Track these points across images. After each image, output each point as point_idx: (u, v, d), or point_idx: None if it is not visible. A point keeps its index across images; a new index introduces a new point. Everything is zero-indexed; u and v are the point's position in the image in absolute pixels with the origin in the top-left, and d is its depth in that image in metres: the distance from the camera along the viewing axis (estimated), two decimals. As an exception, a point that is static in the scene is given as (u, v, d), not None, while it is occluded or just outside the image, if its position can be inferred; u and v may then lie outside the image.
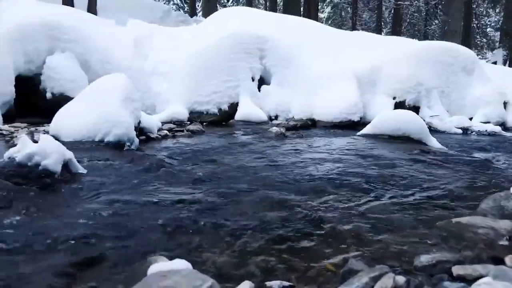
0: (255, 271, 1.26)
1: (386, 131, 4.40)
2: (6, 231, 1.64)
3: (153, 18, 14.64)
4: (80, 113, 3.66)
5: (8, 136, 4.06)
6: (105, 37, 6.99)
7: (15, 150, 2.42)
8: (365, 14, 24.95)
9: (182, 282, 0.89)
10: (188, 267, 1.02)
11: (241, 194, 2.20)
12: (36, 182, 2.28)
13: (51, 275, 1.24)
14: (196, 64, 6.62)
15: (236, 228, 1.65)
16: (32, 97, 6.08)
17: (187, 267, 1.01)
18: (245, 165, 2.97)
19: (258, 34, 6.93)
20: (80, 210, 1.92)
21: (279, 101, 6.55)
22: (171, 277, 0.91)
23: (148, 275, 0.97)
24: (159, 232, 1.62)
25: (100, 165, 2.87)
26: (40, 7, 6.90)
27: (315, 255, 1.45)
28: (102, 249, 1.46)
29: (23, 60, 5.92)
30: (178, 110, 6.10)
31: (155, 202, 2.05)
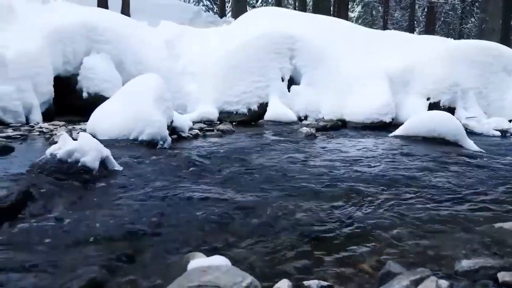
0: (291, 270, 1.26)
1: (421, 132, 4.28)
2: (48, 224, 1.71)
3: (184, 20, 14.89)
4: (115, 113, 3.77)
5: (48, 133, 4.23)
6: (138, 38, 7.17)
7: (56, 147, 2.52)
8: (397, 13, 24.39)
9: (223, 278, 0.90)
10: (227, 263, 1.03)
11: (274, 193, 2.20)
12: (76, 178, 2.37)
13: (92, 266, 1.28)
14: (227, 64, 6.68)
15: (270, 227, 1.65)
16: (69, 96, 6.31)
17: (226, 263, 1.03)
18: (276, 165, 2.97)
19: (288, 34, 6.92)
20: (117, 206, 1.97)
21: (308, 101, 6.51)
22: (211, 272, 0.92)
23: (188, 270, 0.99)
24: (194, 229, 1.64)
25: (134, 162, 2.95)
26: (78, 10, 7.15)
27: (350, 256, 1.43)
28: (140, 243, 1.50)
29: (62, 61, 6.16)
30: (208, 110, 6.17)
31: (189, 200, 2.08)
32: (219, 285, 0.87)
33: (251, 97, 6.37)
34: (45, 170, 2.38)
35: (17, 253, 1.42)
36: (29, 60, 5.54)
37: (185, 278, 0.92)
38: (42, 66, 5.71)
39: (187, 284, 0.88)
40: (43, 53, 5.83)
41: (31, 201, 1.94)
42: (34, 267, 1.29)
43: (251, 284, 0.91)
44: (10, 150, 3.20)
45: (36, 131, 4.38)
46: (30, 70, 5.51)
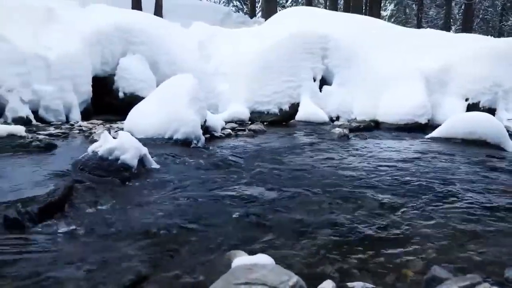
0: (332, 271, 1.25)
1: (460, 134, 4.13)
2: (92, 219, 1.77)
3: (215, 20, 15.05)
4: (151, 112, 3.87)
5: (87, 132, 4.38)
6: (171, 39, 7.31)
7: (98, 145, 2.61)
8: (431, 10, 23.65)
9: (269, 276, 0.90)
10: (272, 262, 1.03)
11: (310, 194, 2.19)
12: (116, 175, 2.44)
13: (136, 260, 1.31)
14: (258, 64, 6.70)
15: (308, 227, 1.64)
16: (106, 96, 6.52)
17: (271, 262, 1.03)
18: (310, 166, 2.95)
19: (320, 34, 6.86)
20: (156, 203, 2.02)
21: (341, 102, 6.43)
22: (257, 270, 0.93)
23: (233, 268, 1.00)
24: (233, 227, 1.66)
25: (170, 161, 3.01)
26: (114, 12, 7.37)
27: (392, 259, 1.40)
28: (180, 240, 1.53)
29: (100, 62, 6.37)
30: (240, 110, 6.21)
31: (225, 198, 2.10)
32: (266, 283, 0.88)
33: (282, 97, 6.36)
34: (87, 167, 2.47)
35: (66, 245, 1.48)
36: (69, 62, 5.76)
37: (231, 275, 0.94)
38: (81, 67, 5.92)
39: (233, 281, 0.89)
40: (83, 55, 6.05)
41: (76, 196, 2.02)
42: (81, 259, 1.34)
43: (297, 283, 0.91)
44: (53, 147, 3.35)
45: (76, 130, 4.55)
46: (71, 71, 5.73)
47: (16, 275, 1.22)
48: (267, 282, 0.88)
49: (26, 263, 1.31)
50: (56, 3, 6.63)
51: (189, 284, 1.16)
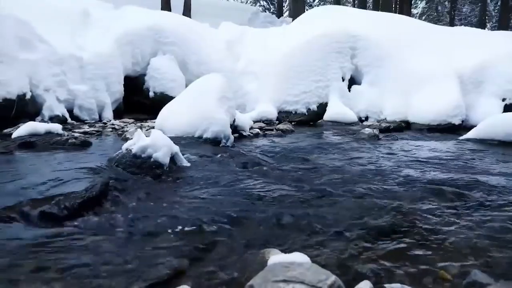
0: (367, 272, 1.23)
1: (497, 135, 3.98)
2: (128, 215, 1.82)
3: (242, 20, 15.14)
4: (182, 111, 3.93)
5: (120, 130, 4.51)
6: (200, 40, 7.42)
7: (131, 143, 2.68)
8: (465, 7, 22.89)
9: (307, 274, 0.90)
10: (308, 261, 1.03)
11: (340, 194, 2.17)
12: (148, 172, 2.49)
13: (172, 256, 1.34)
14: (286, 64, 6.69)
15: (341, 227, 1.63)
16: (136, 95, 6.70)
17: (307, 261, 1.03)
18: (340, 166, 2.92)
19: (350, 33, 6.78)
20: (188, 200, 2.05)
21: (370, 102, 6.33)
22: (295, 268, 0.93)
23: (270, 265, 1.00)
24: (265, 225, 1.66)
25: (200, 159, 3.05)
26: (145, 14, 7.55)
27: (429, 261, 1.37)
28: (214, 237, 1.54)
29: (131, 62, 6.54)
30: (268, 109, 6.22)
31: (256, 197, 2.11)
32: (304, 281, 0.88)
33: (310, 97, 6.33)
34: (122, 164, 2.54)
35: (103, 240, 1.53)
36: (102, 62, 5.95)
37: (268, 272, 0.94)
38: (114, 67, 6.11)
39: (272, 279, 0.90)
40: (115, 55, 6.24)
41: (111, 193, 2.08)
42: (118, 253, 1.38)
43: (335, 283, 0.90)
44: (88, 144, 3.46)
45: (109, 128, 4.69)
46: (104, 71, 5.93)
47: (56, 268, 1.26)
48: (305, 280, 0.88)
49: (65, 256, 1.36)
50: (92, 6, 6.86)
51: (224, 280, 1.17)
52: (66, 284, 1.14)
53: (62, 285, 1.13)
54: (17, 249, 1.38)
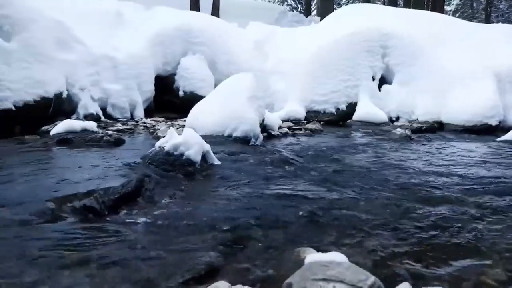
0: (406, 273, 1.21)
1: (538, 137, 3.81)
2: (162, 211, 1.86)
3: (270, 20, 15.13)
4: (212, 110, 3.97)
5: (151, 128, 4.61)
6: (229, 39, 7.47)
7: (164, 140, 2.74)
8: (502, 4, 21.98)
9: (347, 274, 0.90)
10: (346, 260, 1.03)
11: (373, 195, 2.14)
12: (180, 170, 2.54)
13: (207, 252, 1.36)
14: (315, 63, 6.63)
15: (376, 228, 1.60)
16: (166, 94, 6.82)
17: (345, 260, 1.02)
18: (371, 167, 2.87)
19: (380, 31, 6.64)
20: (220, 198, 2.08)
21: (401, 102, 6.18)
22: (334, 268, 0.93)
23: (308, 264, 1.00)
24: (298, 224, 1.66)
25: (231, 158, 3.07)
26: (176, 14, 7.68)
27: (469, 265, 1.33)
28: (248, 234, 1.56)
29: (162, 61, 6.67)
30: (296, 109, 6.19)
31: (288, 196, 2.11)
32: (343, 281, 0.87)
33: (339, 97, 6.25)
34: (155, 161, 2.59)
35: (139, 234, 1.57)
36: (135, 62, 6.09)
37: (307, 270, 0.94)
38: (145, 67, 6.24)
39: (311, 277, 0.90)
40: (147, 55, 6.37)
41: (146, 189, 2.13)
42: (155, 247, 1.41)
43: (375, 283, 0.89)
44: (122, 142, 3.56)
45: (141, 126, 4.80)
46: (136, 71, 6.06)
47: (97, 260, 1.31)
48: (345, 280, 0.87)
49: (104, 249, 1.40)
50: (125, 7, 7.04)
51: (259, 277, 1.18)
52: (107, 275, 1.18)
53: (103, 276, 1.17)
54: (61, 240, 1.44)
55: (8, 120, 4.33)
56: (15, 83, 4.48)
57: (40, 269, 1.20)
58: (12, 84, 4.44)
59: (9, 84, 4.41)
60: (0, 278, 1.10)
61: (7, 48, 4.53)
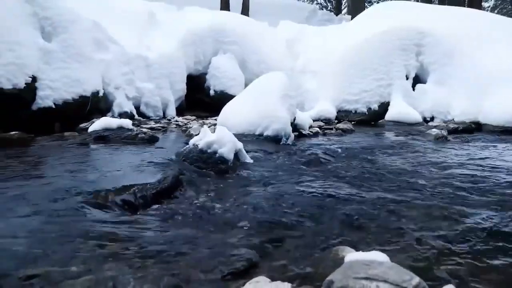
0: (448, 276, 1.17)
1: None
2: (197, 207, 1.89)
3: (300, 18, 15.05)
4: (243, 108, 4.00)
5: (183, 126, 4.69)
6: (260, 38, 7.49)
7: (198, 138, 2.78)
8: (545, 0, 20.89)
9: (390, 273, 0.88)
10: (387, 260, 1.01)
11: (410, 196, 2.08)
12: (213, 167, 2.57)
13: (245, 248, 1.36)
14: (346, 62, 6.55)
15: (414, 230, 1.57)
16: (197, 93, 6.93)
17: (387, 260, 1.01)
18: (408, 168, 2.81)
19: (415, 29, 6.47)
20: (254, 195, 2.08)
21: (436, 101, 6.01)
22: (376, 267, 0.91)
23: (348, 262, 0.99)
24: (333, 223, 1.65)
25: (262, 156, 3.08)
26: (207, 14, 7.78)
27: (514, 271, 1.27)
28: (282, 232, 1.56)
29: (193, 61, 6.78)
30: (326, 108, 6.14)
31: (321, 195, 2.09)
32: (387, 280, 0.86)
33: (371, 96, 6.14)
34: (189, 158, 2.64)
35: (176, 229, 1.60)
36: (167, 61, 6.22)
37: (348, 269, 0.93)
38: (177, 66, 6.37)
39: (353, 275, 0.89)
40: (179, 55, 6.49)
41: (181, 185, 2.17)
42: (191, 242, 1.44)
43: (419, 284, 0.87)
44: (156, 139, 3.64)
45: (173, 124, 4.89)
46: (168, 70, 6.20)
47: (136, 252, 1.34)
48: (388, 279, 0.86)
49: (143, 242, 1.44)
50: (157, 7, 7.20)
51: (297, 275, 1.18)
52: (147, 268, 1.21)
53: (144, 268, 1.20)
54: (102, 232, 1.49)
55: (48, 118, 4.53)
56: (55, 82, 4.67)
57: (84, 259, 1.25)
58: (52, 83, 4.64)
59: (49, 83, 4.60)
60: (50, 266, 1.15)
61: (48, 48, 4.73)
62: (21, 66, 4.31)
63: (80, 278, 1.10)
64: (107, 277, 1.10)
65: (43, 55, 4.63)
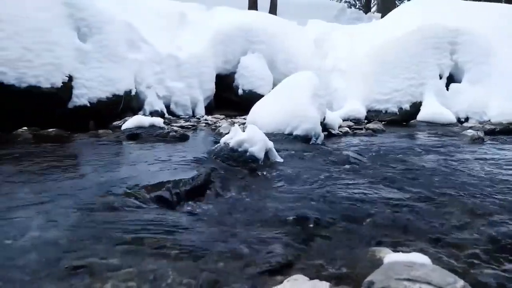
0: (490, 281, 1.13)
1: None
2: (230, 205, 1.91)
3: (328, 17, 14.89)
4: (273, 107, 4.00)
5: (213, 125, 4.74)
6: (288, 38, 7.47)
7: (228, 137, 2.80)
8: None
9: (433, 276, 0.86)
10: (429, 262, 0.99)
11: (446, 199, 2.02)
12: (244, 165, 2.58)
13: (279, 246, 1.37)
14: (376, 61, 6.43)
15: (451, 232, 1.52)
16: (225, 92, 6.98)
17: (429, 262, 0.98)
18: (443, 169, 2.73)
19: (449, 27, 6.28)
20: (286, 194, 2.08)
21: (471, 101, 5.80)
22: (418, 269, 0.90)
23: (390, 263, 0.98)
24: (368, 224, 1.63)
25: (292, 155, 3.07)
26: (235, 14, 7.83)
27: None
28: (316, 231, 1.55)
29: (222, 60, 6.84)
30: (356, 108, 6.05)
31: (353, 195, 2.07)
32: (430, 282, 0.84)
33: (402, 96, 6.01)
34: (220, 156, 2.67)
35: (211, 225, 1.62)
36: (197, 61, 6.31)
37: (389, 270, 0.92)
38: (207, 66, 6.44)
39: (395, 276, 0.87)
40: (208, 54, 6.57)
41: (213, 183, 2.20)
42: (226, 239, 1.45)
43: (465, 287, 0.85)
44: (186, 138, 3.70)
45: (203, 123, 4.96)
46: (197, 69, 6.28)
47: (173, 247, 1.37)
48: (432, 282, 0.84)
49: (179, 238, 1.46)
50: (188, 8, 7.31)
51: (335, 274, 1.17)
52: (184, 263, 1.23)
53: (181, 263, 1.23)
54: (139, 227, 1.53)
55: (83, 116, 4.68)
56: (90, 81, 4.83)
57: (123, 252, 1.28)
58: (87, 82, 4.79)
59: (85, 82, 4.76)
60: (92, 258, 1.20)
61: (83, 48, 4.89)
62: (58, 66, 4.47)
63: (121, 270, 1.13)
64: (147, 270, 1.13)
65: (79, 55, 4.80)
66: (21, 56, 4.07)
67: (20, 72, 4.05)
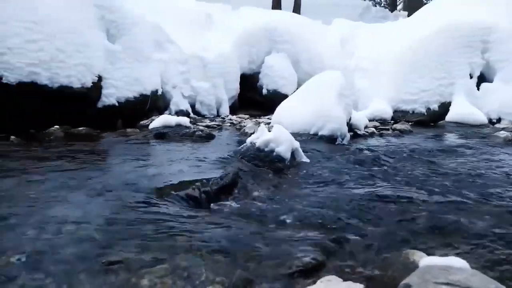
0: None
1: None
2: (257, 204, 1.92)
3: (353, 16, 14.72)
4: (298, 107, 3.99)
5: (237, 125, 4.77)
6: (313, 37, 7.43)
7: (255, 136, 2.81)
8: None
9: (473, 280, 0.84)
10: (467, 266, 0.96)
11: (480, 202, 1.97)
12: (270, 165, 2.59)
13: (307, 246, 1.36)
14: (404, 60, 6.31)
15: (487, 236, 1.48)
16: (250, 92, 7.01)
17: (466, 266, 0.96)
18: (476, 171, 2.65)
19: (480, 25, 6.08)
20: (312, 194, 2.08)
21: (504, 101, 5.60)
22: (456, 273, 0.88)
23: (426, 266, 0.96)
24: (397, 226, 1.60)
25: (318, 156, 3.06)
26: (260, 14, 7.84)
27: None
28: (345, 232, 1.54)
29: (247, 60, 6.87)
30: (382, 108, 5.95)
31: (381, 196, 2.04)
32: (470, 287, 0.82)
33: (430, 96, 5.87)
34: (246, 156, 2.68)
35: (239, 224, 1.63)
36: (222, 61, 6.36)
37: (426, 273, 0.90)
38: (232, 65, 6.49)
39: (432, 280, 0.86)
40: (233, 55, 6.61)
41: (241, 182, 2.21)
42: (254, 238, 1.46)
43: (506, 294, 0.83)
44: (212, 137, 3.74)
45: (227, 122, 4.99)
46: (223, 70, 6.33)
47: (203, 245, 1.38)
48: (472, 286, 0.82)
49: (209, 236, 1.48)
50: (213, 8, 7.37)
51: (367, 276, 1.16)
52: (216, 261, 1.24)
53: (213, 261, 1.24)
54: (169, 225, 1.56)
55: (111, 115, 4.80)
56: (118, 81, 4.93)
57: (156, 249, 1.31)
58: (116, 82, 4.90)
59: (113, 82, 4.87)
60: (127, 254, 1.23)
61: (112, 49, 5.01)
62: (89, 66, 4.60)
63: (155, 266, 1.16)
64: (181, 267, 1.15)
65: (108, 55, 4.91)
66: (54, 57, 4.21)
67: (53, 73, 4.18)
